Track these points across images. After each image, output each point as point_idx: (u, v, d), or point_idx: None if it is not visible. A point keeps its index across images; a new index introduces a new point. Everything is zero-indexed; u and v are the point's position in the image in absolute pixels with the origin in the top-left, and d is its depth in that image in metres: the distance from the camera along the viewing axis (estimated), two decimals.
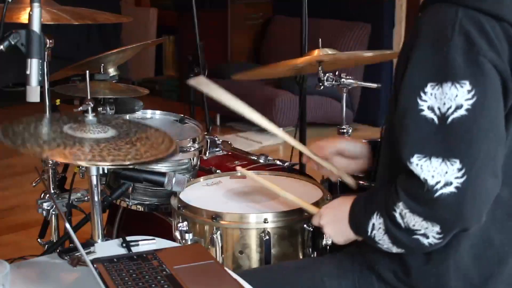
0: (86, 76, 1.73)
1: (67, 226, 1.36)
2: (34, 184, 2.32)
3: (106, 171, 1.74)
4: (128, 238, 1.66)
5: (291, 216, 1.80)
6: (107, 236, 1.99)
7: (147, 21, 7.35)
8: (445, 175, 1.37)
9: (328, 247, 1.81)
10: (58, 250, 1.59)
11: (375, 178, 1.68)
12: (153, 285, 1.40)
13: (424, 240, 1.44)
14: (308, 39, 3.06)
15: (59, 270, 1.54)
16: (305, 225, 1.80)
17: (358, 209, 1.56)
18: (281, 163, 2.41)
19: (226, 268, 1.52)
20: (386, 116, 1.65)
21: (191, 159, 2.17)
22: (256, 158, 2.46)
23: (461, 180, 1.36)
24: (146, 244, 1.65)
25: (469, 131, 1.37)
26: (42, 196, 2.17)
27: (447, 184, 1.37)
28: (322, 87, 2.50)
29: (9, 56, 1.73)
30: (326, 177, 2.10)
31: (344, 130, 2.51)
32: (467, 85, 1.37)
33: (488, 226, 1.48)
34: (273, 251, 1.80)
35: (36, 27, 1.65)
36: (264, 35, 6.60)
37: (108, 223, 2.50)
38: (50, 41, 1.89)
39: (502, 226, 1.49)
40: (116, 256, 1.54)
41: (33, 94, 1.65)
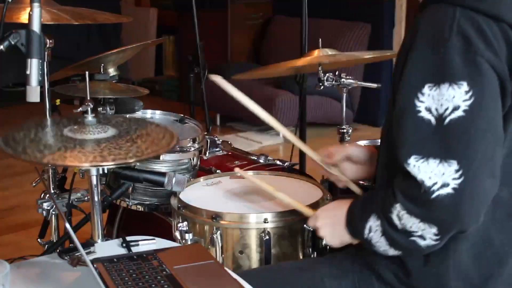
0: (86, 77, 1.73)
1: (67, 226, 1.36)
2: (34, 184, 2.31)
3: (106, 171, 1.73)
4: (128, 238, 1.66)
5: (291, 216, 1.80)
6: (107, 236, 1.99)
7: (147, 21, 7.35)
8: (442, 176, 1.37)
9: (328, 247, 1.81)
10: (58, 250, 1.59)
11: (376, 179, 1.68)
12: (153, 285, 1.40)
13: (421, 241, 1.43)
14: (308, 39, 3.06)
15: (59, 270, 1.54)
16: (305, 225, 1.79)
17: (355, 211, 1.56)
18: (281, 163, 2.41)
19: (226, 268, 1.52)
20: (385, 116, 1.65)
21: (191, 159, 2.17)
22: (256, 158, 2.46)
23: (458, 181, 1.36)
24: (146, 244, 1.65)
25: (466, 132, 1.37)
26: (42, 196, 2.17)
27: (444, 185, 1.36)
28: (322, 87, 2.50)
29: (9, 56, 1.73)
30: (326, 177, 2.10)
31: (344, 130, 2.51)
32: (464, 85, 1.37)
33: (488, 226, 1.47)
34: (273, 251, 1.80)
35: (36, 27, 1.65)
36: (264, 35, 6.60)
37: (108, 223, 2.50)
38: (50, 41, 1.89)
39: (502, 226, 1.49)
40: (116, 256, 1.54)
41: (33, 94, 1.65)
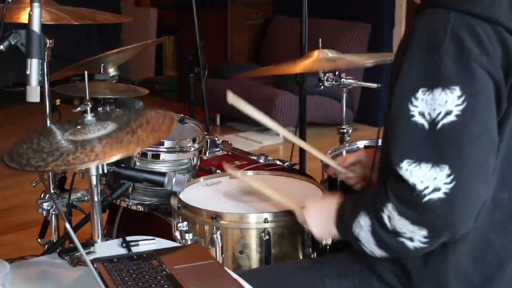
0: (85, 77, 1.73)
1: (67, 226, 1.36)
2: (34, 184, 2.31)
3: (106, 171, 1.73)
4: (128, 238, 1.66)
5: (291, 216, 1.80)
6: (107, 236, 1.99)
7: (147, 21, 7.35)
8: (434, 181, 1.36)
9: (328, 247, 1.81)
10: (58, 250, 1.59)
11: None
12: (153, 285, 1.40)
13: (409, 243, 1.43)
14: (308, 39, 3.06)
15: (59, 270, 1.54)
16: (305, 225, 1.80)
17: (345, 207, 1.56)
18: (281, 163, 2.41)
19: (226, 268, 1.52)
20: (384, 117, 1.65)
21: (191, 159, 2.16)
22: (256, 158, 2.46)
23: (449, 186, 1.36)
24: (146, 244, 1.65)
25: (458, 137, 1.37)
26: (42, 196, 2.17)
27: (436, 189, 1.36)
28: (322, 87, 2.50)
29: (9, 56, 1.73)
30: (326, 177, 2.11)
31: (344, 130, 2.51)
32: (457, 90, 1.37)
33: (488, 228, 1.47)
34: (273, 251, 1.80)
35: (36, 27, 1.66)
36: (264, 35, 6.60)
37: (108, 223, 2.50)
38: (50, 41, 1.89)
39: (503, 228, 1.49)
40: (116, 256, 1.54)
41: (33, 94, 1.65)
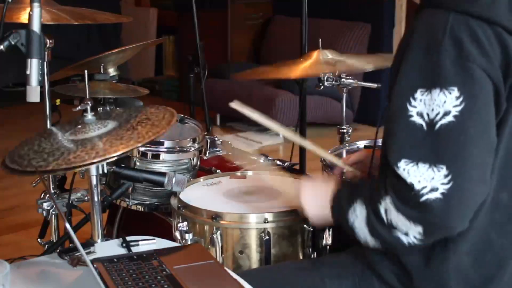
0: (85, 75, 1.73)
1: (67, 226, 1.36)
2: (34, 184, 2.31)
3: (106, 171, 1.73)
4: (128, 238, 1.66)
5: (291, 216, 1.80)
6: (107, 236, 1.99)
7: (147, 21, 7.35)
8: (431, 181, 1.37)
9: (328, 247, 1.81)
10: (58, 250, 1.59)
11: None
12: (153, 285, 1.39)
13: (403, 238, 1.44)
14: (308, 39, 3.06)
15: (59, 270, 1.54)
16: (305, 225, 1.80)
17: (342, 195, 1.56)
18: (281, 163, 2.41)
19: (226, 268, 1.52)
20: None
21: (191, 159, 2.16)
22: (256, 158, 2.46)
23: (447, 187, 1.36)
24: (146, 244, 1.64)
25: (456, 138, 1.37)
26: (42, 196, 2.17)
27: (433, 189, 1.37)
28: (322, 87, 2.50)
29: (9, 56, 1.73)
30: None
31: (344, 130, 2.51)
32: (455, 91, 1.37)
33: (488, 229, 1.47)
34: (273, 251, 1.80)
35: (36, 27, 1.65)
36: (264, 35, 6.60)
37: (108, 223, 2.50)
38: (50, 41, 1.89)
39: (502, 228, 1.49)
40: (116, 256, 1.53)
41: (33, 94, 1.65)
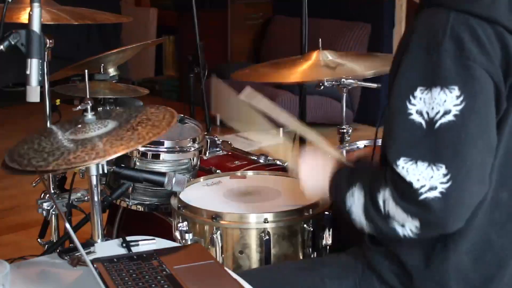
0: (85, 75, 1.73)
1: (67, 226, 1.36)
2: (34, 184, 2.31)
3: (106, 171, 1.73)
4: (128, 238, 1.66)
5: (291, 216, 1.80)
6: (107, 236, 1.99)
7: (147, 21, 7.34)
8: (430, 180, 1.36)
9: (328, 247, 1.81)
10: (58, 250, 1.59)
11: None
12: (153, 285, 1.40)
13: (399, 229, 1.43)
14: (308, 39, 3.06)
15: (59, 270, 1.54)
16: (305, 225, 1.80)
17: (342, 176, 1.55)
18: (281, 163, 2.41)
19: (226, 268, 1.52)
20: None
21: (191, 159, 2.16)
22: (256, 158, 2.46)
23: (446, 186, 1.36)
24: (146, 244, 1.64)
25: (456, 137, 1.37)
26: (42, 196, 2.17)
27: (432, 188, 1.36)
28: (322, 87, 2.50)
29: (9, 56, 1.73)
30: None
31: (344, 130, 2.51)
32: (456, 90, 1.37)
33: (488, 228, 1.47)
34: (273, 251, 1.80)
35: (36, 27, 1.65)
36: (264, 35, 6.60)
37: (108, 223, 2.50)
38: (50, 41, 1.89)
39: (502, 228, 1.49)
40: (116, 256, 1.54)
41: (33, 94, 1.65)
